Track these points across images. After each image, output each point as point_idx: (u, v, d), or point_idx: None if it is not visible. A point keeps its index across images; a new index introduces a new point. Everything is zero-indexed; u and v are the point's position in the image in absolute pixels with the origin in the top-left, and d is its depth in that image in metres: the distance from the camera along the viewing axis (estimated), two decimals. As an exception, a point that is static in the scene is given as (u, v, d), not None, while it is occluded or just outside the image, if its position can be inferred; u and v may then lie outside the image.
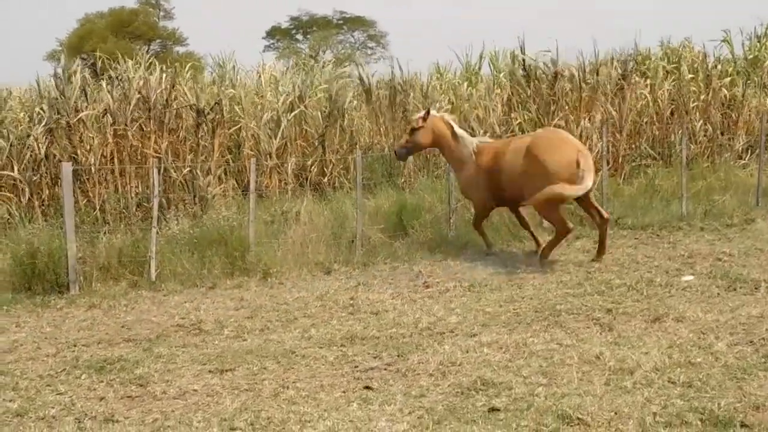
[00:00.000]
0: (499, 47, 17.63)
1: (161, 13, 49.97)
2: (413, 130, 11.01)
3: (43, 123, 12.45)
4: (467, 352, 6.55)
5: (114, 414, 5.58)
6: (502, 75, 16.62)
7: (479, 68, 18.12)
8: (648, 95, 16.13)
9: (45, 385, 6.26)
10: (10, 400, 5.93)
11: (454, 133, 10.87)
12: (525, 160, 10.05)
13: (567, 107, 15.00)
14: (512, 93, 15.59)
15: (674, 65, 17.24)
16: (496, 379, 5.83)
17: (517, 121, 14.89)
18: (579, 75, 15.30)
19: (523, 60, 15.53)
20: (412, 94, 15.29)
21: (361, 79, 15.69)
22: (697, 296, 8.10)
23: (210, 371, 6.41)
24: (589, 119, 14.95)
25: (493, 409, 5.31)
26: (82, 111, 12.52)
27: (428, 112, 11.03)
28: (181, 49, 45.16)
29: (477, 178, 10.69)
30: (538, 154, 9.93)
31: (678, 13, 79.46)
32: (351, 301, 8.50)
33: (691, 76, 16.95)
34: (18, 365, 6.80)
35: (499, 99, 15.61)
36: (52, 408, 5.73)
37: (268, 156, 14.02)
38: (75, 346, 7.33)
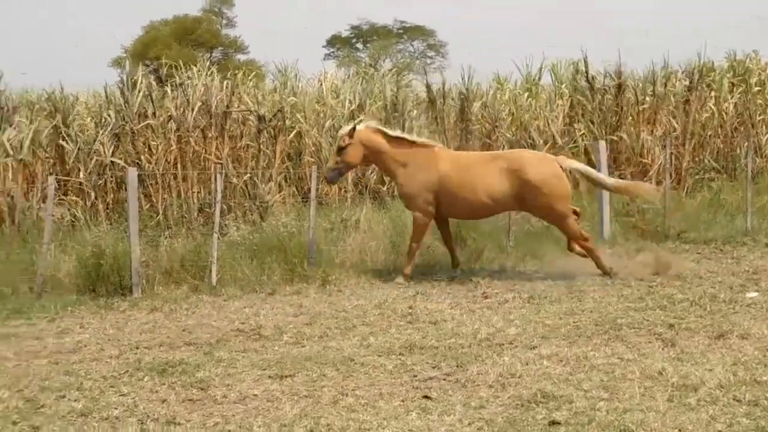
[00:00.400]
0: (561, 58, 17.45)
1: (224, 21, 50.65)
2: (340, 149, 10.21)
3: (109, 128, 12.70)
4: (527, 364, 6.50)
5: (176, 417, 5.64)
6: (563, 86, 16.46)
7: (539, 78, 18.01)
8: (713, 107, 15.89)
9: (108, 386, 6.35)
10: (75, 400, 6.03)
11: (391, 140, 10.22)
12: (511, 182, 9.81)
13: (631, 118, 14.86)
14: (574, 103, 15.46)
15: (740, 77, 16.96)
16: (557, 392, 5.76)
17: (581, 132, 14.78)
18: (636, 86, 15.19)
19: (586, 71, 15.38)
20: (476, 103, 15.25)
21: (428, 87, 15.58)
22: (762, 313, 7.92)
23: (270, 377, 6.45)
24: (652, 131, 14.79)
25: (554, 423, 5.25)
26: (147, 117, 12.75)
27: (354, 128, 10.19)
28: (242, 57, 45.69)
29: (428, 186, 10.05)
30: (525, 175, 9.76)
31: (678, 13, 78.37)
32: (410, 310, 8.48)
33: (758, 88, 16.66)
34: (82, 366, 6.92)
35: (561, 110, 15.49)
36: (116, 409, 5.81)
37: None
38: (137, 348, 7.44)
